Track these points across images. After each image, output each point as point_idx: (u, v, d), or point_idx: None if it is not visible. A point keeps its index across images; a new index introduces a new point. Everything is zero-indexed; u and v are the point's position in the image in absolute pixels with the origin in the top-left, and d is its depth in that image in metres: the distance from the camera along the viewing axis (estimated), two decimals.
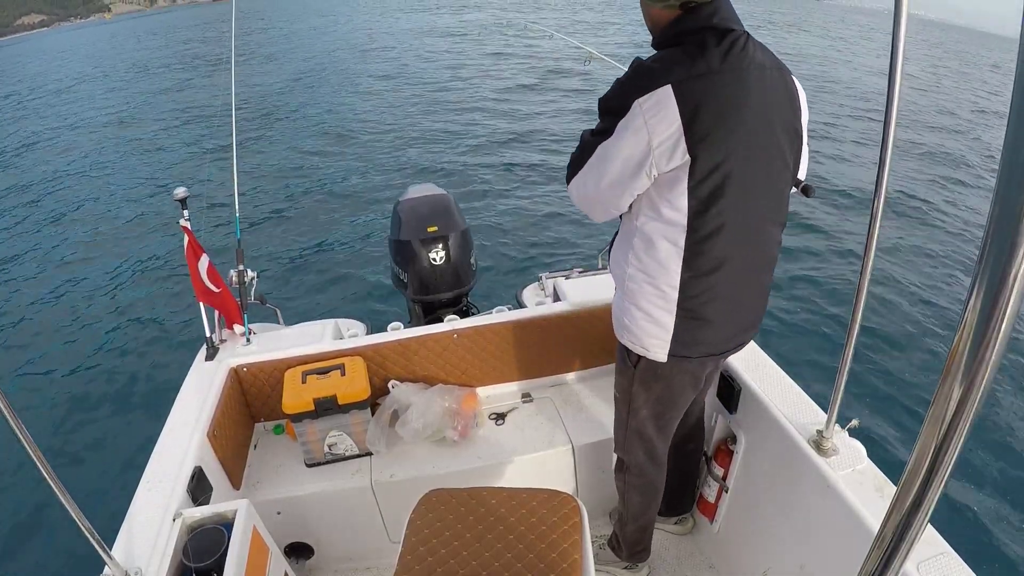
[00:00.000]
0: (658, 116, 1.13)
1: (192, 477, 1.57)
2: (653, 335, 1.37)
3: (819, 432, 1.45)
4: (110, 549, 1.26)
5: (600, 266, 2.56)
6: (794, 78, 1.28)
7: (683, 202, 1.21)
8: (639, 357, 1.44)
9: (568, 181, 1.36)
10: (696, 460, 1.91)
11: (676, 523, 2.04)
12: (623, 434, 1.65)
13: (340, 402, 1.86)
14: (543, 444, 1.98)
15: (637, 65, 1.21)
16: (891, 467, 1.27)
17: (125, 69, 20.72)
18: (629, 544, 1.82)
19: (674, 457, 1.79)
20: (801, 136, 1.30)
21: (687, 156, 1.15)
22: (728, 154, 1.17)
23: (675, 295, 1.30)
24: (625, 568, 1.89)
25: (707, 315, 1.32)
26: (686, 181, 1.18)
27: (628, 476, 1.71)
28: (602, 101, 1.25)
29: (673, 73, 1.14)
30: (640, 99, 1.15)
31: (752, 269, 1.33)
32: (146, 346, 4.85)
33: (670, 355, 1.38)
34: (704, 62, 1.14)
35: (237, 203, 2.31)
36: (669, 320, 1.34)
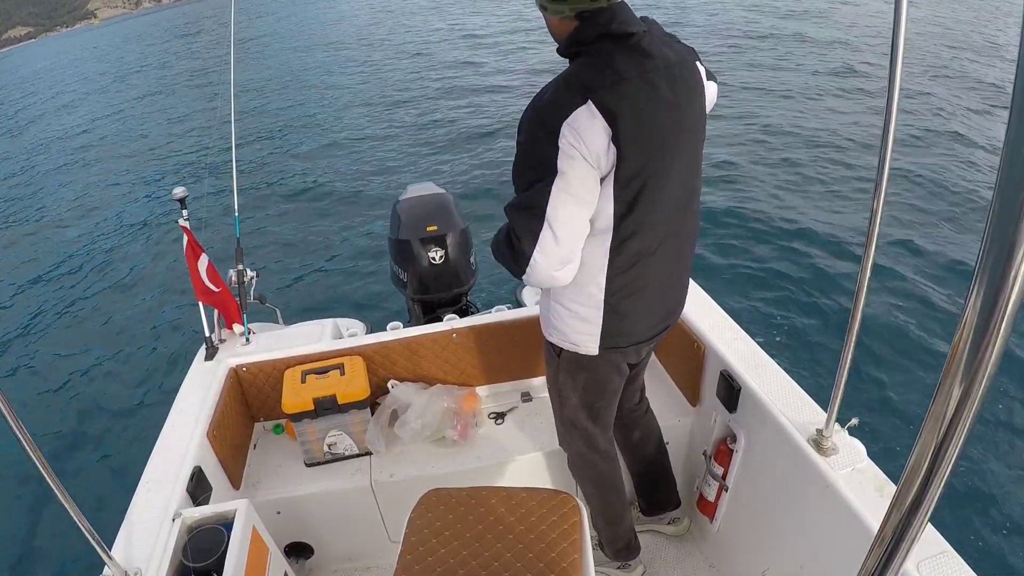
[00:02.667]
0: (591, 131, 1.14)
1: (192, 477, 1.57)
2: (582, 331, 1.42)
3: (819, 431, 1.45)
4: (110, 549, 1.26)
5: None
6: (698, 63, 1.32)
7: (609, 208, 1.25)
8: (562, 349, 1.49)
9: (526, 260, 1.24)
10: (660, 451, 1.92)
11: (670, 523, 2.03)
12: (561, 427, 1.70)
13: (340, 402, 1.86)
14: (543, 444, 1.98)
15: (552, 90, 1.19)
16: (891, 467, 1.27)
17: (118, 74, 20.69)
18: (609, 542, 1.83)
19: (631, 450, 1.87)
20: (705, 123, 1.35)
21: (613, 163, 1.18)
22: (648, 156, 1.20)
23: (601, 295, 1.36)
24: (619, 568, 1.88)
25: (632, 309, 1.39)
26: (612, 187, 1.22)
27: (575, 469, 1.76)
28: (527, 135, 1.22)
29: (587, 88, 1.14)
30: (568, 119, 1.14)
31: (672, 260, 1.40)
32: (145, 346, 4.85)
33: (601, 348, 1.43)
34: (611, 71, 1.15)
35: (236, 202, 2.31)
36: (597, 316, 1.39)
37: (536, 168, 1.21)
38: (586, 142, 1.14)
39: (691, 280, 2.15)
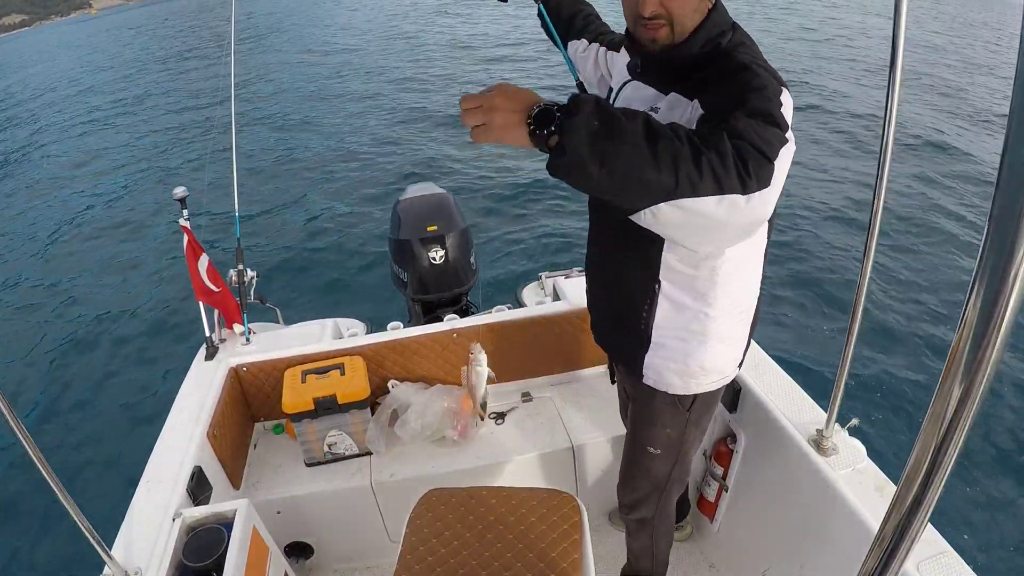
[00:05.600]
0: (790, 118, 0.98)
1: (192, 477, 1.57)
2: (730, 356, 1.30)
3: (819, 431, 1.45)
4: (110, 549, 1.26)
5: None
6: None
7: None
8: (695, 396, 1.32)
9: (746, 186, 0.86)
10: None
11: (676, 530, 2.01)
12: (661, 490, 1.50)
13: (340, 402, 1.86)
14: (543, 444, 1.98)
15: (758, 64, 1.02)
16: (891, 467, 1.27)
17: (116, 66, 20.49)
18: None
19: None
20: None
21: None
22: None
23: (755, 302, 1.27)
24: None
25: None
26: None
27: (657, 531, 1.60)
28: (764, 98, 0.94)
29: (775, 75, 1.00)
30: (783, 98, 0.97)
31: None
32: (145, 345, 4.85)
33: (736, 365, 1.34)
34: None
35: (237, 202, 2.31)
36: (745, 330, 1.30)
37: (772, 118, 0.93)
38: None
39: None
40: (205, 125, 10.80)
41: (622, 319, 1.32)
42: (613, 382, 1.71)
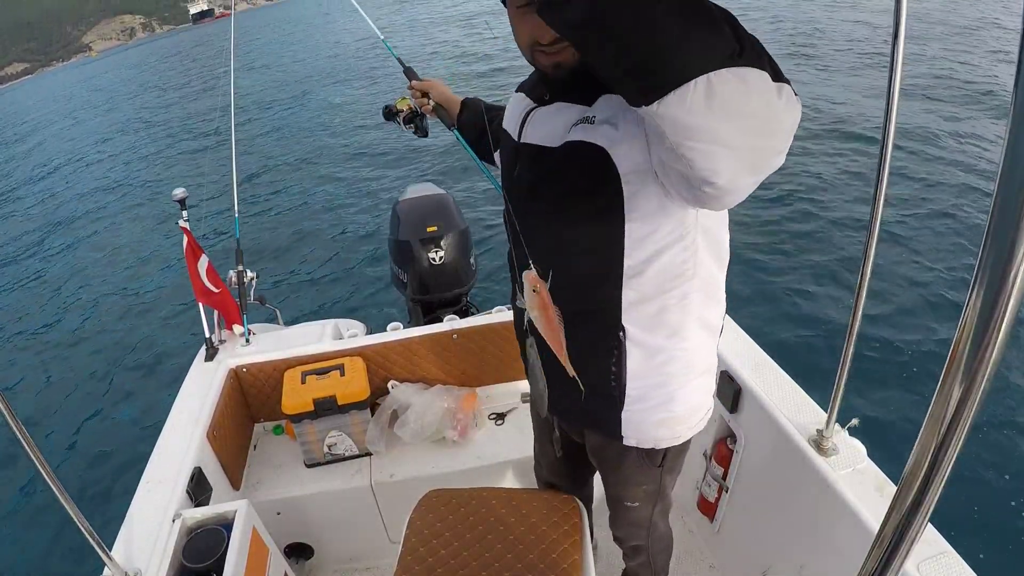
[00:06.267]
0: None
1: (192, 477, 1.57)
2: (703, 400, 1.17)
3: (819, 431, 1.44)
4: (110, 550, 1.26)
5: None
6: None
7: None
8: (668, 449, 1.19)
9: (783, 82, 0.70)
10: None
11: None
12: (647, 526, 1.43)
13: (340, 402, 1.86)
14: None
15: None
16: (891, 467, 1.27)
17: (120, 97, 20.62)
18: None
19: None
20: None
21: None
22: None
23: (718, 336, 1.14)
24: None
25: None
26: None
27: (654, 550, 1.54)
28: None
29: None
30: None
31: None
32: (145, 347, 4.85)
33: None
34: None
35: (236, 203, 2.31)
36: (714, 364, 1.17)
37: None
38: None
39: None
40: (206, 127, 10.80)
41: (583, 380, 1.06)
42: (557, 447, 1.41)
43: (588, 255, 0.99)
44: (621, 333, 1.04)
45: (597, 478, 2.02)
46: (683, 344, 1.06)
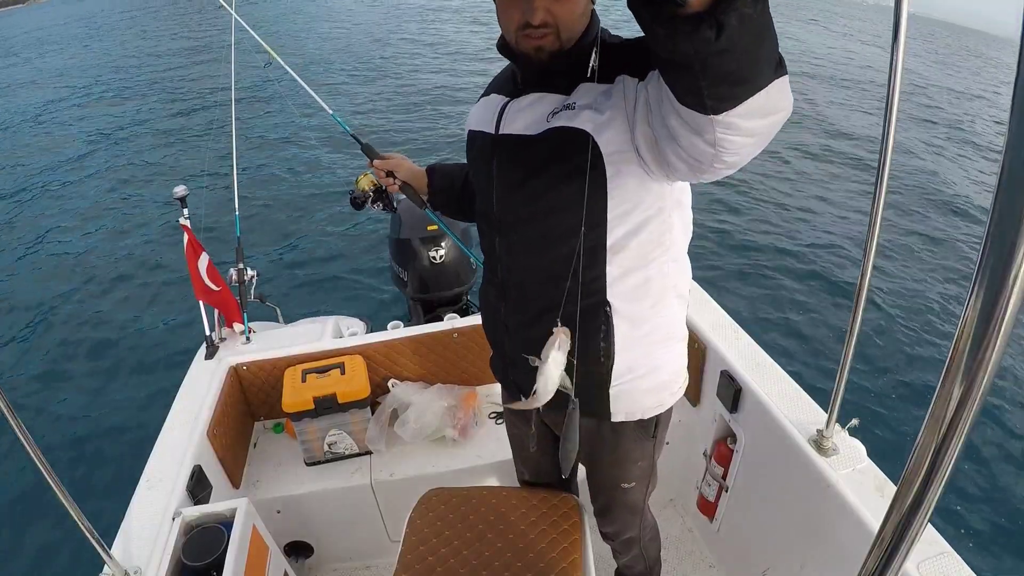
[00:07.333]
0: None
1: (192, 476, 1.57)
2: (680, 363, 1.22)
3: (819, 431, 1.45)
4: (109, 548, 1.26)
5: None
6: None
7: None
8: (658, 417, 1.24)
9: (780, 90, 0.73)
10: None
11: None
12: (640, 512, 1.45)
13: (340, 401, 1.86)
14: None
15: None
16: (891, 467, 1.27)
17: (112, 51, 20.14)
18: None
19: None
20: None
21: None
22: None
23: (687, 298, 1.19)
24: None
25: None
26: None
27: (645, 539, 1.56)
28: None
29: None
30: None
31: None
32: (145, 345, 4.85)
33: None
34: None
35: (237, 201, 2.31)
36: (685, 347, 1.22)
37: None
38: None
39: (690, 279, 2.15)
40: (205, 124, 10.80)
41: (576, 368, 1.07)
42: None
43: (573, 237, 1.03)
44: (608, 308, 1.08)
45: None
46: (663, 312, 1.12)
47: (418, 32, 17.74)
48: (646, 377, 1.15)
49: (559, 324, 0.94)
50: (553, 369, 0.90)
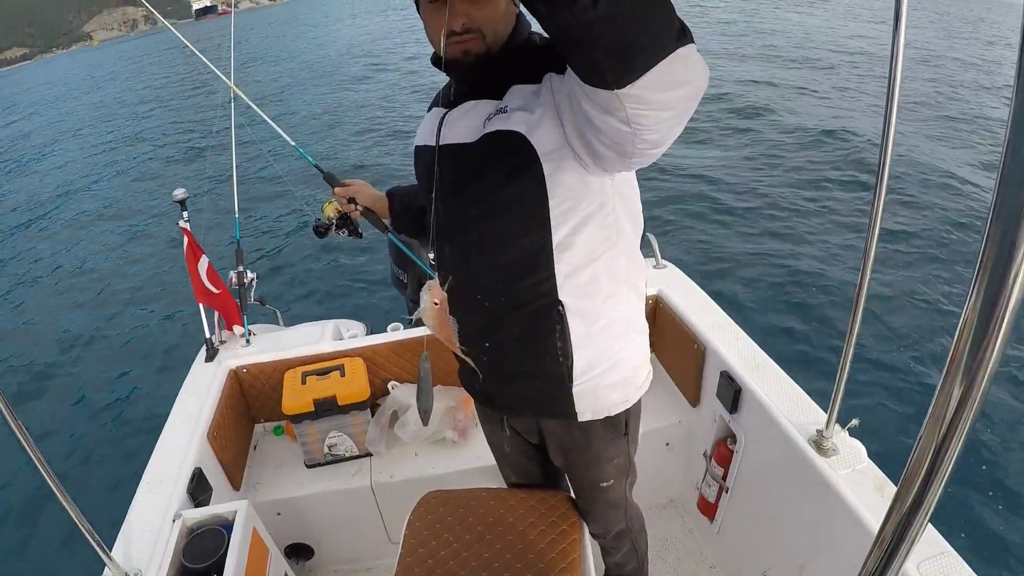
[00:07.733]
0: None
1: (192, 478, 1.57)
2: (642, 357, 1.22)
3: (819, 432, 1.45)
4: (110, 550, 1.26)
5: None
6: None
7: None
8: (627, 413, 1.24)
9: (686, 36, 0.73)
10: None
11: None
12: (623, 506, 1.45)
13: (340, 403, 1.86)
14: None
15: None
16: (891, 467, 1.27)
17: (118, 89, 20.52)
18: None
19: None
20: None
21: None
22: None
23: (644, 291, 1.20)
24: None
25: None
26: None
27: (634, 531, 1.55)
28: None
29: None
30: None
31: None
32: (145, 347, 4.86)
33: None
34: None
35: (236, 204, 2.31)
36: (647, 340, 1.23)
37: None
38: None
39: (690, 280, 2.16)
40: (205, 127, 10.80)
41: (527, 369, 1.14)
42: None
43: (519, 239, 1.04)
44: (560, 307, 1.08)
45: None
46: (618, 306, 1.12)
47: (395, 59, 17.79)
48: (608, 373, 1.15)
49: (515, 328, 0.98)
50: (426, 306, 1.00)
